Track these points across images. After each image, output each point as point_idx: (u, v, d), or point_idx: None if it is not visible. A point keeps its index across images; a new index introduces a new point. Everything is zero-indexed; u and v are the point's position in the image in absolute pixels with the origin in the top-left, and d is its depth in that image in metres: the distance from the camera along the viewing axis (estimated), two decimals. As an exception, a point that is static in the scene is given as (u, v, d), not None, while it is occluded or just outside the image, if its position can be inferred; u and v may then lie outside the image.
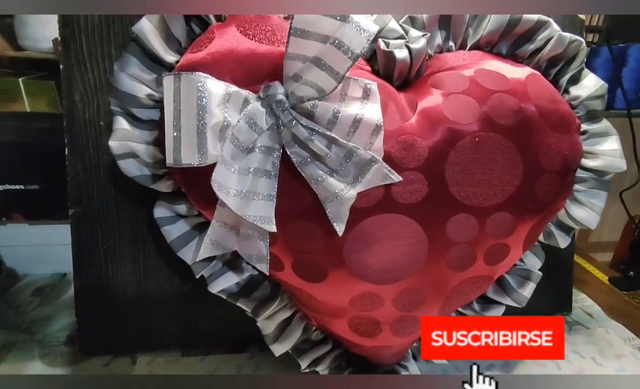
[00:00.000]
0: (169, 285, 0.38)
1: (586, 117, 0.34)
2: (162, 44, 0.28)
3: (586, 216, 0.34)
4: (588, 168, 0.34)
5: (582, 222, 0.34)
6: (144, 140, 0.30)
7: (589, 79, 0.34)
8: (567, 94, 0.34)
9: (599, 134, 0.34)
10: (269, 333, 0.33)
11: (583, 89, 0.33)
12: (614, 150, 0.33)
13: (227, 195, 0.24)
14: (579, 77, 0.34)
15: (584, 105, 0.34)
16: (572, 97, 0.34)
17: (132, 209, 0.37)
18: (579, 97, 0.33)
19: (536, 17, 0.31)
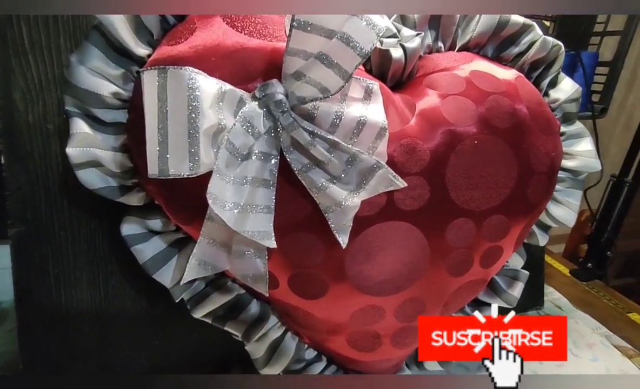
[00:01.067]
0: (136, 310, 0.34)
1: (562, 119, 0.35)
2: (131, 34, 0.24)
3: (564, 214, 0.36)
4: (565, 169, 0.35)
5: (561, 220, 0.36)
6: (109, 145, 0.25)
7: (566, 83, 0.35)
8: (547, 97, 0.35)
9: (575, 135, 0.35)
10: (259, 357, 0.30)
11: (561, 92, 0.34)
12: (589, 151, 0.35)
13: (223, 209, 0.20)
14: (557, 81, 0.35)
15: (560, 108, 0.35)
16: (551, 99, 0.34)
17: (90, 225, 0.32)
18: (558, 99, 0.34)
19: (522, 21, 0.32)
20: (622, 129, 0.78)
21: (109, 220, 0.30)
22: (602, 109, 0.60)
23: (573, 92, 0.34)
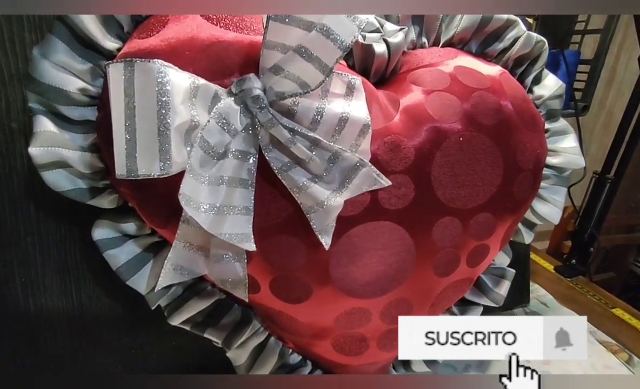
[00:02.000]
0: (111, 317, 0.32)
1: (546, 116, 0.35)
2: (99, 26, 0.23)
3: (549, 211, 0.35)
4: (550, 166, 0.35)
5: (546, 218, 0.35)
6: (77, 145, 0.24)
7: (549, 79, 0.35)
8: (531, 94, 0.34)
9: (559, 132, 0.35)
10: (242, 364, 0.29)
11: (545, 89, 0.34)
12: (572, 148, 0.35)
13: (198, 211, 0.19)
14: (541, 77, 0.35)
15: (544, 105, 0.34)
16: (535, 96, 0.34)
17: (59, 230, 0.30)
18: (542, 96, 0.34)
19: (505, 16, 0.31)
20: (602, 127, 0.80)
21: (80, 225, 0.29)
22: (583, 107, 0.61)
23: (557, 88, 0.34)
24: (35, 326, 0.30)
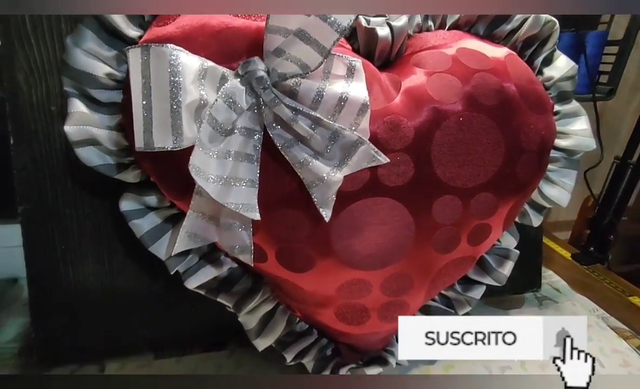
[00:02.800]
0: (138, 284, 0.35)
1: (557, 98, 0.35)
2: (123, 16, 0.25)
3: (558, 194, 0.35)
4: (559, 148, 0.35)
5: (554, 200, 0.35)
6: (105, 124, 0.27)
7: (561, 60, 0.34)
8: (541, 75, 0.34)
9: (570, 115, 0.35)
10: (252, 328, 0.31)
11: (555, 70, 0.34)
12: (583, 130, 0.35)
13: (207, 181, 0.22)
14: (552, 58, 0.35)
15: (555, 86, 0.34)
16: (545, 78, 0.34)
17: (93, 203, 0.33)
18: (552, 78, 0.34)
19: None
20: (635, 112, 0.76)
21: (110, 198, 0.32)
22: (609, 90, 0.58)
23: (568, 69, 0.34)
24: (74, 289, 0.34)
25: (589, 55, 0.57)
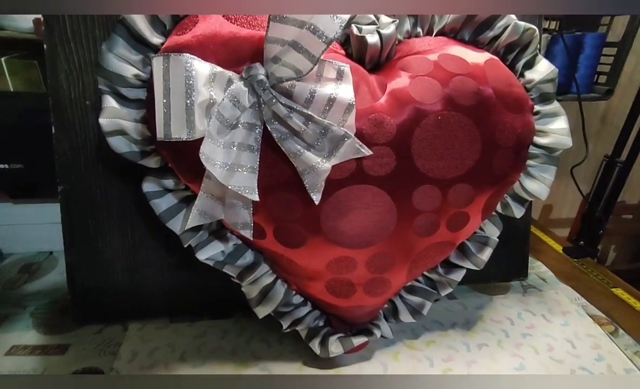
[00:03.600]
0: (157, 256, 0.41)
1: (539, 99, 0.38)
2: (148, 26, 0.30)
3: (537, 188, 0.38)
4: (540, 145, 0.38)
5: (534, 194, 0.38)
6: (132, 118, 0.31)
7: (542, 64, 0.37)
8: (523, 78, 0.37)
9: (550, 114, 0.38)
10: (253, 297, 0.36)
11: (536, 73, 0.37)
12: (562, 129, 0.37)
13: (214, 167, 0.26)
14: (533, 62, 0.37)
15: (537, 88, 0.37)
16: (526, 80, 0.37)
17: (120, 185, 0.39)
18: (533, 80, 0.37)
19: (494, 7, 0.34)
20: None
21: (135, 181, 0.37)
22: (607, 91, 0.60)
23: (548, 73, 0.37)
24: (102, 258, 0.40)
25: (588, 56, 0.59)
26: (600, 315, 0.45)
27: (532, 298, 0.47)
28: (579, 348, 0.40)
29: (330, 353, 0.36)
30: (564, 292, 0.49)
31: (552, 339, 0.41)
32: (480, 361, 0.38)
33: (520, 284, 0.50)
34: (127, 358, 0.37)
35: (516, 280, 0.51)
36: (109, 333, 0.39)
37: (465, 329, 0.42)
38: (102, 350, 0.38)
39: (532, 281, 0.51)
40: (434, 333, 0.42)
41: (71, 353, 0.37)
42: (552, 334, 0.42)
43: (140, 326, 0.40)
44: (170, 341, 0.39)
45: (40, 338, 0.38)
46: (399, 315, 0.39)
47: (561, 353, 0.39)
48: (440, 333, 0.42)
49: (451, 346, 0.40)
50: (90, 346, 0.38)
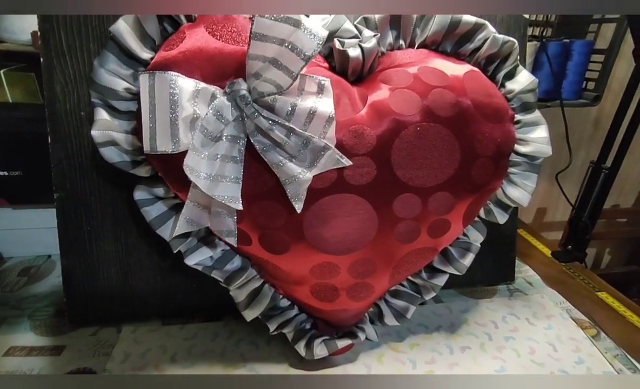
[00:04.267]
0: (149, 261, 0.42)
1: (520, 108, 0.39)
2: (138, 42, 0.31)
3: (519, 195, 0.39)
4: (521, 153, 0.39)
5: (516, 200, 0.39)
6: (123, 129, 0.33)
7: (522, 75, 0.38)
8: (503, 88, 0.38)
9: (531, 124, 0.39)
10: (241, 301, 0.37)
11: (517, 84, 0.38)
12: (542, 138, 0.38)
13: (198, 178, 0.27)
14: (514, 73, 0.38)
15: (518, 98, 0.38)
16: (507, 90, 0.38)
17: (113, 193, 0.40)
18: (513, 90, 0.38)
19: (474, 20, 0.36)
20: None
21: (127, 189, 0.38)
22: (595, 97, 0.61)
23: (528, 83, 0.38)
24: (96, 262, 0.41)
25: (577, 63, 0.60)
26: (583, 318, 0.46)
27: (518, 302, 0.48)
28: (560, 351, 0.41)
29: (315, 355, 0.37)
30: (550, 296, 0.50)
31: (535, 343, 0.42)
32: (462, 363, 0.39)
33: (507, 288, 0.51)
34: (120, 359, 0.38)
35: (503, 284, 0.52)
36: (103, 335, 0.41)
37: (450, 332, 0.43)
38: (97, 351, 0.39)
39: (518, 285, 0.52)
40: (419, 335, 0.43)
41: (66, 354, 0.38)
42: (534, 338, 0.43)
43: (133, 328, 0.42)
44: (161, 343, 0.40)
45: (37, 340, 0.40)
46: (384, 318, 0.40)
47: (542, 356, 0.40)
48: (425, 336, 0.43)
49: (434, 348, 0.41)
50: (85, 347, 0.39)
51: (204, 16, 0.31)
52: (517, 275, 0.53)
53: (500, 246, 0.51)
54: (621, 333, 0.44)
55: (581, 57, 0.59)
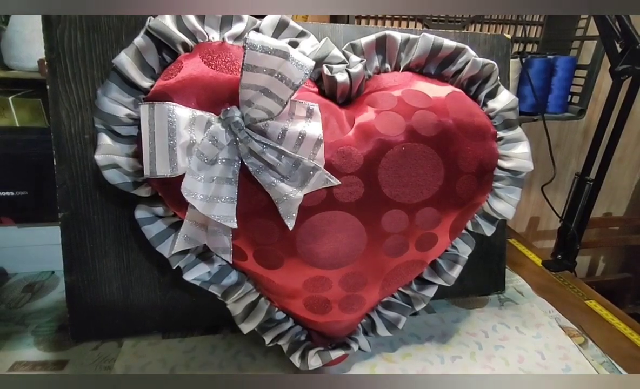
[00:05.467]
0: (150, 277, 0.43)
1: (503, 125, 0.41)
2: (138, 72, 0.33)
3: (504, 208, 0.41)
4: (504, 168, 0.41)
5: (501, 213, 0.41)
6: (124, 153, 0.35)
7: (503, 95, 0.40)
8: (486, 107, 0.40)
9: (513, 140, 0.41)
10: (238, 314, 0.39)
11: (498, 103, 0.40)
12: (524, 153, 0.40)
13: (195, 199, 0.29)
14: (495, 93, 0.41)
15: (500, 116, 0.40)
16: (489, 109, 0.40)
17: (115, 212, 0.42)
18: (495, 109, 0.40)
19: (455, 45, 0.38)
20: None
21: (129, 208, 0.40)
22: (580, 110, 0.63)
23: (509, 102, 0.40)
24: (98, 279, 0.43)
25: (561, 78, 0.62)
26: (571, 326, 0.47)
27: (508, 311, 0.50)
28: (548, 359, 0.42)
29: (310, 366, 0.38)
30: (539, 305, 0.51)
31: (524, 351, 0.43)
32: (452, 372, 0.41)
33: (497, 297, 0.53)
34: (121, 372, 0.39)
35: (494, 294, 0.53)
36: (105, 349, 0.42)
37: (441, 342, 0.45)
38: (99, 365, 0.40)
39: (509, 294, 0.53)
40: (411, 346, 0.44)
41: (69, 369, 0.40)
42: (523, 346, 0.44)
43: (134, 342, 0.43)
44: (161, 356, 0.41)
45: (40, 355, 0.41)
46: (376, 329, 0.42)
47: (530, 364, 0.42)
48: (417, 346, 0.44)
49: (426, 358, 0.42)
50: (87, 361, 0.41)
51: (199, 46, 0.33)
52: (508, 285, 0.54)
53: (491, 257, 0.52)
54: (608, 341, 0.45)
55: (565, 73, 0.61)
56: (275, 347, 0.40)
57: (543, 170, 0.64)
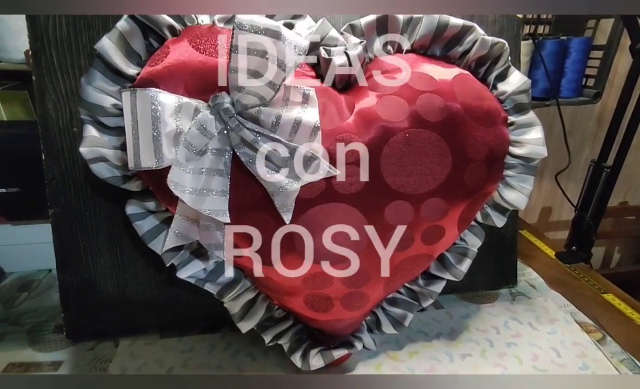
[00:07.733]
0: (145, 275, 0.42)
1: (514, 109, 0.38)
2: (123, 59, 0.31)
3: (516, 198, 0.39)
4: (516, 156, 0.38)
5: (513, 203, 0.39)
6: (112, 145, 0.33)
7: (514, 76, 0.38)
8: (496, 90, 0.38)
9: (525, 125, 0.38)
10: (235, 313, 0.37)
11: (509, 85, 0.37)
12: (537, 139, 0.38)
13: (183, 193, 0.27)
14: (506, 74, 0.38)
15: (511, 99, 0.38)
16: (499, 92, 0.37)
17: (108, 207, 0.40)
18: (506, 92, 0.37)
19: (462, 22, 0.35)
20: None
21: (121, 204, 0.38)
22: (595, 94, 0.60)
23: (521, 84, 0.37)
24: (93, 277, 0.41)
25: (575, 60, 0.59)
26: (588, 321, 0.45)
27: (520, 306, 0.47)
28: (564, 357, 0.40)
29: (311, 366, 0.36)
30: (553, 299, 0.48)
31: (538, 348, 0.41)
32: (462, 371, 0.39)
33: (509, 291, 0.50)
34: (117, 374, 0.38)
35: (505, 288, 0.51)
36: (101, 350, 0.41)
37: (450, 339, 0.43)
38: (94, 366, 0.39)
39: (521, 288, 0.51)
40: (418, 343, 0.42)
41: (64, 370, 0.38)
42: (537, 343, 0.42)
43: (130, 342, 0.42)
44: (158, 357, 0.40)
45: (35, 356, 0.40)
46: (381, 326, 0.40)
47: (545, 362, 0.39)
48: (425, 343, 0.42)
49: (434, 356, 0.40)
50: (83, 362, 0.39)
51: (187, 30, 0.31)
52: (519, 278, 0.52)
53: (502, 250, 0.50)
54: (628, 336, 0.43)
55: (579, 55, 0.58)
56: (275, 346, 0.38)
57: (555, 157, 0.61)
